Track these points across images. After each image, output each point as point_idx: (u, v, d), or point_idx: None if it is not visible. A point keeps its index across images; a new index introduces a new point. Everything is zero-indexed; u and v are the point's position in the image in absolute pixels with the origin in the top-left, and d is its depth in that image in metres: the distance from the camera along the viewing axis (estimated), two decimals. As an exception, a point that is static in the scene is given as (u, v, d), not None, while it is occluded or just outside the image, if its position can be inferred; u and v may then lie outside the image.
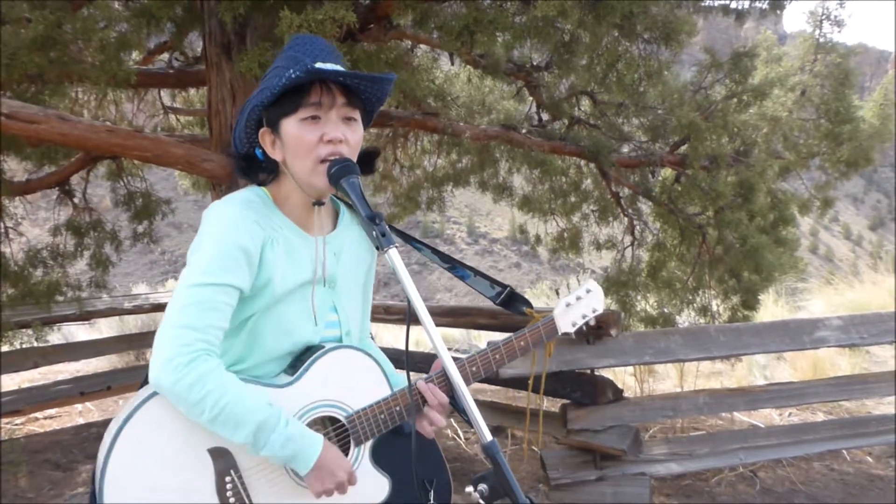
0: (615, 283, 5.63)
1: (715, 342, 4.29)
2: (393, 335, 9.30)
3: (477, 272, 1.93)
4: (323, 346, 1.67)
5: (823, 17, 6.06)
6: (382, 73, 1.71)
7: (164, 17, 3.41)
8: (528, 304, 1.92)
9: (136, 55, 6.02)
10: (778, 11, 5.55)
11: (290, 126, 1.58)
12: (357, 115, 1.63)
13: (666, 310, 5.79)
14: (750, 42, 6.72)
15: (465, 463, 5.12)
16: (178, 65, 5.91)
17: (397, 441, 3.31)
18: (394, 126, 5.81)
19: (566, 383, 4.31)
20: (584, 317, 1.87)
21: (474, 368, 1.76)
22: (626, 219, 5.72)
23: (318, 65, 1.57)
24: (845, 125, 5.67)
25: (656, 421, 5.13)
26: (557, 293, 1.93)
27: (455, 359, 1.77)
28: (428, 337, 1.52)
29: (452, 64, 5.70)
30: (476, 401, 5.01)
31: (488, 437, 1.48)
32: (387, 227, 1.53)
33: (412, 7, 3.12)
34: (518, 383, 4.81)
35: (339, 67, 1.60)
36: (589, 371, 4.30)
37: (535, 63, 5.43)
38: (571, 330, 1.86)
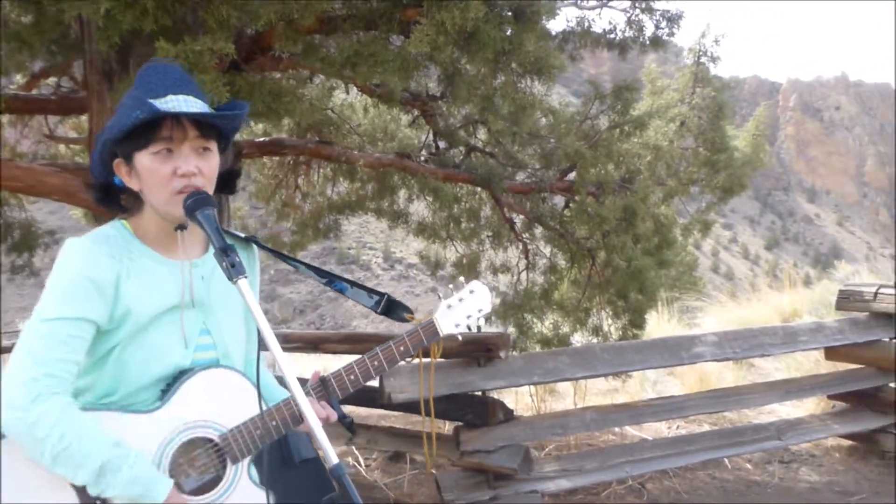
0: (511, 307, 5.78)
1: (600, 360, 4.48)
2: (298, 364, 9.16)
3: (354, 283, 1.96)
4: (193, 369, 1.67)
5: (701, 52, 6.52)
6: (236, 105, 1.74)
7: (38, 44, 3.33)
8: (408, 310, 1.94)
9: (19, 78, 5.80)
10: (659, 48, 5.91)
11: (143, 160, 1.60)
12: (212, 144, 1.66)
13: (561, 331, 5.99)
14: (663, 73, 7.14)
15: (365, 490, 5.10)
16: (65, 90, 5.73)
17: (288, 472, 3.28)
18: (287, 154, 5.82)
19: (459, 406, 4.39)
20: (468, 317, 1.85)
21: (352, 377, 1.77)
22: (520, 244, 5.92)
23: (170, 97, 1.60)
24: (721, 154, 6.09)
25: (547, 439, 5.27)
26: (439, 297, 1.88)
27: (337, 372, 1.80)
28: (276, 362, 1.55)
29: (347, 93, 5.78)
30: (375, 427, 4.98)
31: (335, 459, 1.52)
32: (237, 258, 1.55)
33: (293, 39, 3.17)
34: (416, 407, 4.86)
35: (190, 99, 1.63)
36: (480, 393, 4.40)
37: (430, 92, 5.57)
38: (455, 331, 1.84)
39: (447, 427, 5.67)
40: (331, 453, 1.52)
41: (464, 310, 1.85)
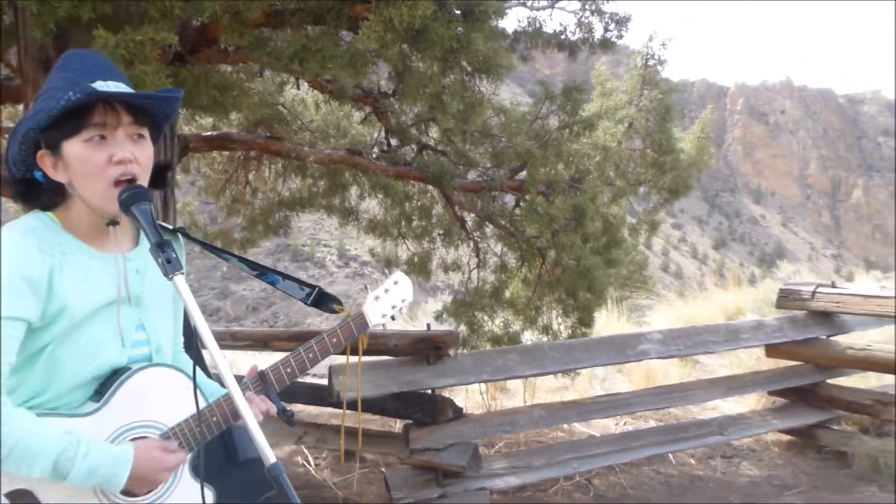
0: (462, 305, 5.80)
1: (549, 358, 4.53)
2: (242, 361, 9.02)
3: (286, 276, 1.96)
4: (130, 368, 1.62)
5: (649, 55, 6.63)
6: (169, 89, 1.68)
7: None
8: (338, 302, 1.96)
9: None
10: (608, 50, 5.99)
11: (74, 148, 1.52)
12: (145, 132, 1.61)
13: (511, 329, 6.03)
14: (616, 75, 7.23)
15: (314, 489, 5.06)
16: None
17: (233, 471, 3.23)
18: (236, 149, 5.72)
19: (408, 404, 4.38)
20: (393, 307, 1.93)
21: (289, 370, 1.78)
22: (471, 242, 5.94)
23: (99, 83, 1.54)
24: (668, 155, 6.20)
25: (496, 436, 5.30)
26: (366, 288, 1.97)
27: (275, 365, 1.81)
28: (213, 360, 1.52)
29: (298, 88, 5.71)
30: (325, 426, 4.93)
31: (272, 458, 1.49)
32: (174, 254, 1.51)
33: (240, 32, 3.11)
34: (365, 406, 4.85)
35: (121, 85, 1.58)
36: (430, 391, 4.40)
37: (381, 89, 5.54)
38: (382, 321, 1.91)
39: (397, 425, 5.67)
40: (268, 452, 1.50)
41: (389, 300, 1.92)
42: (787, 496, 4.66)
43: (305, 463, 5.48)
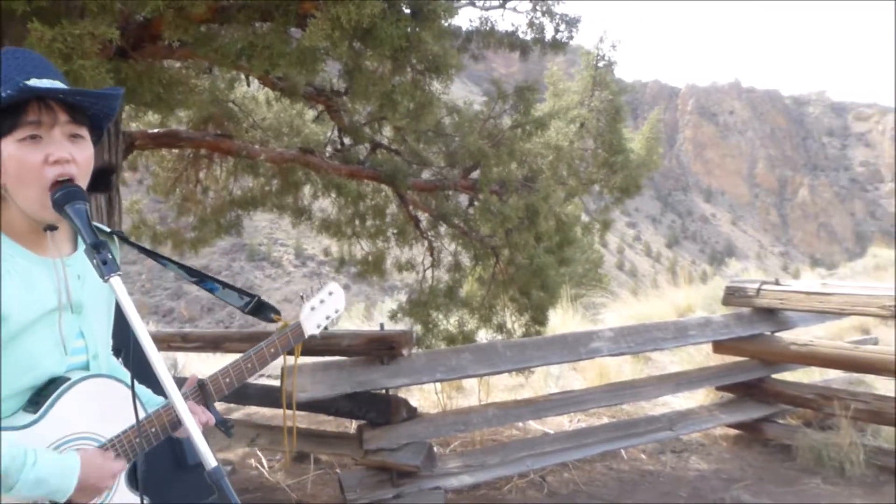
0: (417, 304, 5.79)
1: (502, 357, 4.55)
2: (194, 363, 8.87)
3: (225, 284, 1.95)
4: (68, 378, 1.56)
5: (599, 57, 6.71)
6: (109, 88, 1.63)
7: None
8: (276, 311, 1.97)
9: None
10: (559, 50, 6.04)
11: (7, 148, 1.46)
12: (84, 132, 1.55)
13: (466, 328, 6.04)
14: (570, 75, 7.29)
15: (268, 492, 4.99)
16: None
17: (182, 476, 3.16)
18: (184, 146, 5.60)
19: (362, 404, 4.36)
20: (327, 318, 1.97)
21: (227, 380, 1.78)
22: (425, 241, 5.93)
23: (34, 81, 1.48)
24: (618, 155, 6.29)
25: (450, 436, 5.31)
26: (302, 298, 2.00)
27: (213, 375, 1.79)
28: (154, 366, 1.48)
29: (248, 85, 5.62)
30: (278, 427, 4.84)
31: (213, 463, 1.46)
32: (110, 255, 1.47)
33: (184, 27, 3.04)
34: (319, 407, 4.81)
35: (57, 83, 1.52)
36: (384, 391, 4.38)
37: (334, 88, 5.49)
38: (317, 332, 1.94)
39: (352, 426, 5.63)
40: (209, 457, 1.47)
41: (324, 311, 1.96)
42: (735, 489, 4.78)
43: (259, 465, 5.40)
